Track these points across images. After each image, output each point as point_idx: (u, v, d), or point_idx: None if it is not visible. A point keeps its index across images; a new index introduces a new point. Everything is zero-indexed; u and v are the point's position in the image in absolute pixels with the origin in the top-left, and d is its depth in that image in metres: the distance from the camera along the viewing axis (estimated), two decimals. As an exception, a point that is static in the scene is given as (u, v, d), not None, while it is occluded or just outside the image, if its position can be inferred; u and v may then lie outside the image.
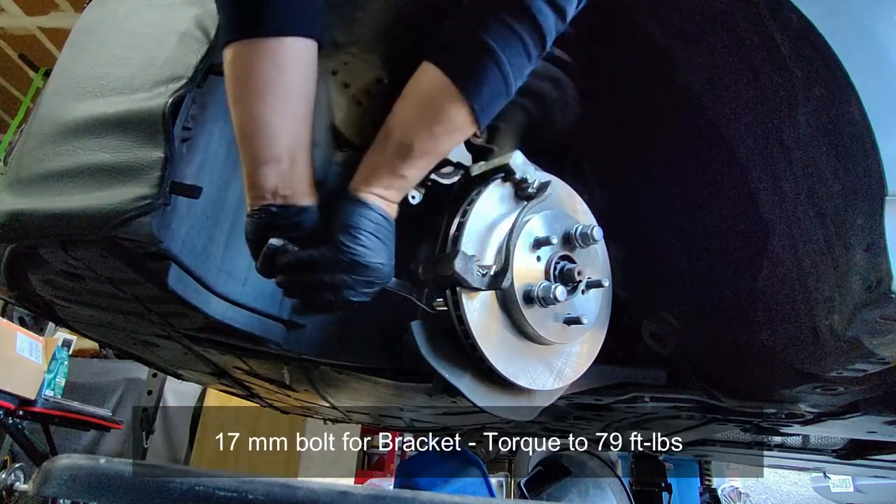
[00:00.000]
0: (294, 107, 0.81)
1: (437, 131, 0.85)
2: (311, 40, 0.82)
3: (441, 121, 0.84)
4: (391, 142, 0.85)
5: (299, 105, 0.82)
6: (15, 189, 0.97)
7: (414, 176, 0.89)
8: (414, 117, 0.85)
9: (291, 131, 0.81)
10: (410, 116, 0.85)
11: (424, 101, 0.84)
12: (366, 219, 0.84)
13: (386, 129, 0.86)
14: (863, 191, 0.91)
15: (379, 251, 0.85)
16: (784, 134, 1.04)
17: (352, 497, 0.97)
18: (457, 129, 0.86)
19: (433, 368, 0.96)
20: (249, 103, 0.80)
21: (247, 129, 0.81)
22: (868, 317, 0.92)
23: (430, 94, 0.83)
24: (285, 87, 0.80)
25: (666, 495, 3.83)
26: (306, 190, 0.84)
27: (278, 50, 0.78)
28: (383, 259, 0.85)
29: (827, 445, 2.16)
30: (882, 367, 1.04)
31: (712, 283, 1.30)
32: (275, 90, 0.79)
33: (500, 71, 0.81)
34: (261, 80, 0.79)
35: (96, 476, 1.00)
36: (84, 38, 1.12)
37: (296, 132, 0.82)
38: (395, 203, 0.89)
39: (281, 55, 0.79)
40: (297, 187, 0.83)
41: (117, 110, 0.93)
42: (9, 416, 2.71)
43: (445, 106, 0.82)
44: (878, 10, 0.97)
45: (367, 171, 0.87)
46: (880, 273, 0.88)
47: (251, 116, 0.80)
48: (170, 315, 1.13)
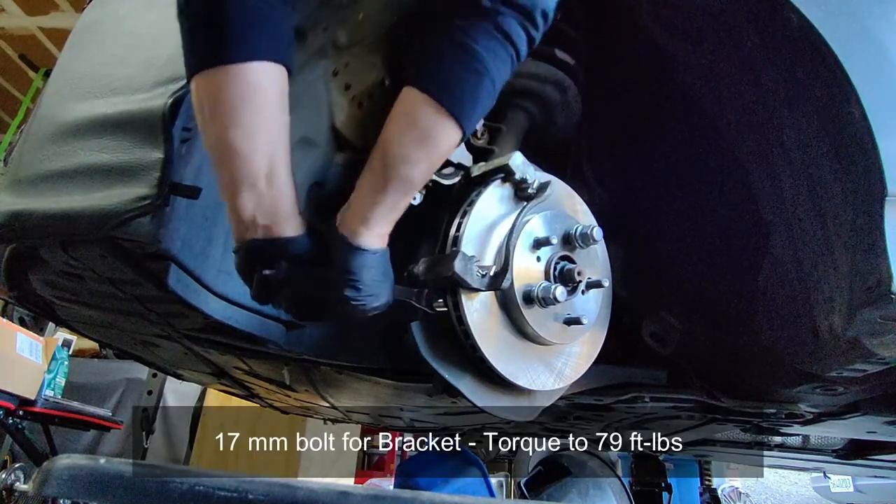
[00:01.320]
0: (266, 132, 0.78)
1: (435, 157, 0.85)
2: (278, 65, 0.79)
3: (437, 146, 0.83)
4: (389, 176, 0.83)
5: (271, 128, 0.79)
6: (15, 189, 0.97)
7: (404, 206, 0.87)
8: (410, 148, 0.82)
9: (265, 154, 0.78)
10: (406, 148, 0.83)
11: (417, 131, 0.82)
12: (368, 267, 0.83)
13: (380, 162, 0.84)
14: (863, 191, 0.91)
15: (382, 292, 0.86)
16: (784, 134, 1.04)
17: (352, 497, 0.97)
18: (451, 147, 0.86)
19: (433, 369, 0.96)
20: (220, 129, 0.77)
21: (221, 158, 0.78)
22: (868, 317, 0.92)
23: (422, 122, 0.82)
24: (254, 111, 0.77)
25: (666, 495, 3.83)
26: (287, 216, 0.81)
27: (244, 75, 0.76)
28: (385, 297, 0.87)
29: (827, 445, 2.16)
30: (882, 367, 1.04)
31: (712, 283, 1.30)
32: (244, 116, 0.76)
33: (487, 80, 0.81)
34: (228, 106, 0.76)
35: (96, 476, 1.00)
36: (84, 38, 1.12)
37: (270, 156, 0.79)
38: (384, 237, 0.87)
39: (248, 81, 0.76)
40: (278, 214, 0.80)
41: (117, 111, 0.93)
42: (9, 416, 2.70)
43: (439, 130, 0.81)
44: (878, 10, 0.97)
45: (364, 209, 0.84)
46: (880, 273, 0.88)
47: (223, 142, 0.77)
48: (170, 315, 1.12)
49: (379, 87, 1.13)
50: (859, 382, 1.15)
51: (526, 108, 1.23)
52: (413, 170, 0.83)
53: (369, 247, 0.84)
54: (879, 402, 1.31)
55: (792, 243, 1.08)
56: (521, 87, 1.24)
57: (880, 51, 0.94)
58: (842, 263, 0.97)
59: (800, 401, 1.33)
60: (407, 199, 0.86)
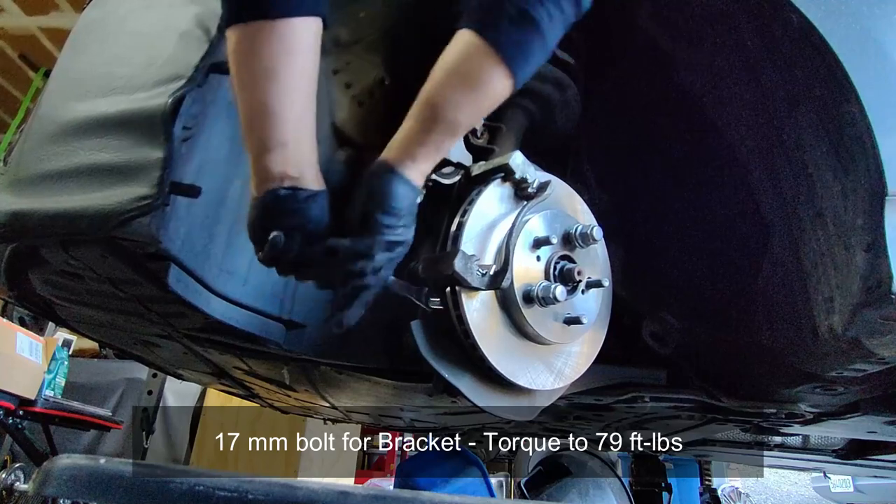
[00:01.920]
0: (300, 90, 0.79)
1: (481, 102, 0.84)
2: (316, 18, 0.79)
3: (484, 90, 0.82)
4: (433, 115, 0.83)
5: (305, 88, 0.80)
6: (15, 189, 0.97)
7: (450, 148, 0.88)
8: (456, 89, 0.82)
9: (298, 114, 0.79)
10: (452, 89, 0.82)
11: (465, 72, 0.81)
12: (404, 196, 0.83)
13: (426, 102, 0.83)
14: (863, 191, 0.91)
15: (411, 228, 0.85)
16: (784, 134, 1.04)
17: (352, 497, 0.97)
18: (498, 96, 0.84)
19: (433, 368, 0.96)
20: (256, 88, 0.77)
21: (253, 114, 0.79)
22: (868, 317, 0.92)
23: (471, 63, 0.81)
24: (292, 70, 0.78)
25: (666, 495, 3.83)
26: (314, 175, 0.82)
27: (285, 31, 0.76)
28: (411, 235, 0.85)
29: (827, 445, 2.16)
30: (882, 367, 1.04)
31: (712, 283, 1.30)
32: (282, 73, 0.77)
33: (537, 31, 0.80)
34: (267, 64, 0.76)
35: (96, 476, 1.00)
36: (84, 38, 1.12)
37: (302, 115, 0.80)
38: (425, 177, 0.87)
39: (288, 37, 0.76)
40: (305, 171, 0.81)
41: (117, 110, 0.93)
42: (9, 416, 2.70)
43: (487, 74, 0.80)
44: (878, 10, 0.97)
45: (409, 146, 0.84)
46: (880, 274, 0.88)
47: (258, 101, 0.78)
48: (170, 315, 1.12)
49: (379, 86, 1.13)
50: (859, 382, 1.15)
51: (525, 108, 1.23)
52: (461, 115, 0.83)
53: (410, 178, 0.83)
54: (879, 402, 1.31)
55: (792, 243, 1.08)
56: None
57: (880, 51, 0.94)
58: (842, 264, 0.97)
59: (800, 401, 1.33)
60: (452, 142, 0.86)
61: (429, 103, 0.83)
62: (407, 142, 0.85)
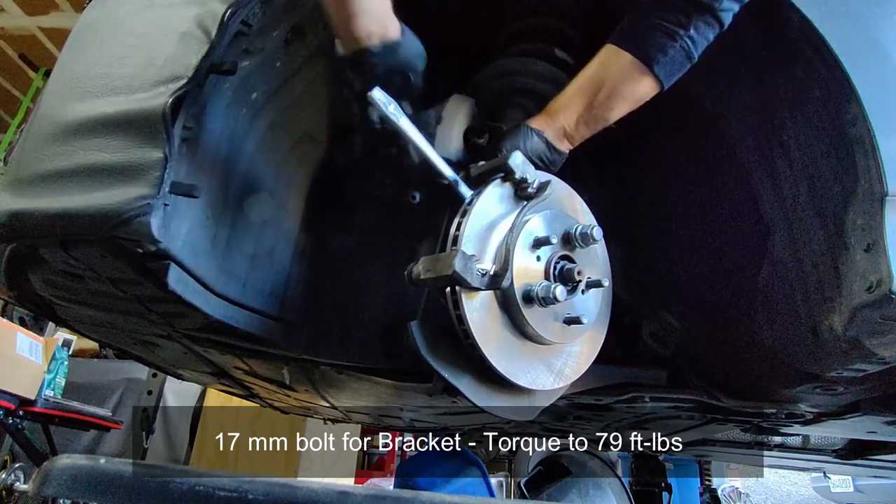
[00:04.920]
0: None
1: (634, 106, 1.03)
2: None
3: (639, 99, 1.03)
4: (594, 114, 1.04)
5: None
6: (15, 189, 0.96)
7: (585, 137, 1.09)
8: (616, 101, 1.02)
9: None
10: (612, 100, 1.02)
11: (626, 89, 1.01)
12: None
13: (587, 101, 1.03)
14: (863, 191, 0.91)
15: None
16: (784, 134, 1.04)
17: (352, 497, 0.97)
18: (648, 98, 1.03)
19: (433, 368, 0.96)
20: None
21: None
22: (868, 317, 0.92)
23: (631, 82, 1.01)
24: None
25: (666, 495, 3.83)
26: (396, 24, 0.94)
27: None
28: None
29: (827, 445, 2.16)
30: (882, 367, 1.04)
31: (712, 283, 1.30)
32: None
33: (681, 46, 0.96)
34: None
35: (96, 476, 1.00)
36: (84, 38, 1.12)
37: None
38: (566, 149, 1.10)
39: None
40: (387, 22, 0.93)
41: (117, 110, 0.93)
42: (9, 416, 2.70)
43: (645, 88, 1.01)
44: (878, 10, 0.97)
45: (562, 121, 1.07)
46: (880, 274, 0.88)
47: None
48: (170, 315, 1.12)
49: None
50: (859, 382, 1.15)
51: (525, 107, 1.23)
52: (613, 114, 1.04)
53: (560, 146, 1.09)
54: (879, 402, 1.31)
55: (792, 243, 1.08)
56: (519, 86, 1.24)
57: (880, 51, 0.94)
58: (842, 264, 0.97)
59: (800, 401, 1.32)
60: (602, 126, 1.06)
61: (588, 100, 1.04)
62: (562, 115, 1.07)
